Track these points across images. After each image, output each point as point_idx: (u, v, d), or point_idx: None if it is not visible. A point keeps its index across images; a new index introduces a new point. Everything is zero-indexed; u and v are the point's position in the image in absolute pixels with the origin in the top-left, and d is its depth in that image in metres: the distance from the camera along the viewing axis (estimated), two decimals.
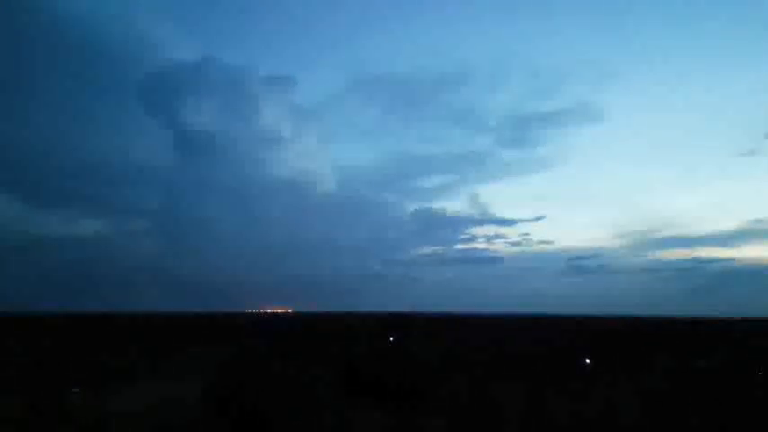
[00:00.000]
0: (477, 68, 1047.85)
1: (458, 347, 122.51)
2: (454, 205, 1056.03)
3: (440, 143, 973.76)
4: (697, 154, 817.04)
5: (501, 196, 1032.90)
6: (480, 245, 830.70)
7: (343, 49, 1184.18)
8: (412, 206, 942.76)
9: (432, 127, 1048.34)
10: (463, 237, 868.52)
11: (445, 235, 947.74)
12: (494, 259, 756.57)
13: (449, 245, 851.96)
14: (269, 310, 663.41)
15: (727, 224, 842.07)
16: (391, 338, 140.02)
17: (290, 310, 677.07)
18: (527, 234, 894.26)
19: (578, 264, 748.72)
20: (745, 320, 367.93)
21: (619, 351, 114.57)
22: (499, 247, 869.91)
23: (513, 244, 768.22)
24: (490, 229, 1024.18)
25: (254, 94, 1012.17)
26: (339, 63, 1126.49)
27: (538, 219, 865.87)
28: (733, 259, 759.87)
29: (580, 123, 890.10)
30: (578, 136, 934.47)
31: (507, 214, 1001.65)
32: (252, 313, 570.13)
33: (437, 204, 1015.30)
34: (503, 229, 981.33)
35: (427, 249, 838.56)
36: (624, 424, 46.50)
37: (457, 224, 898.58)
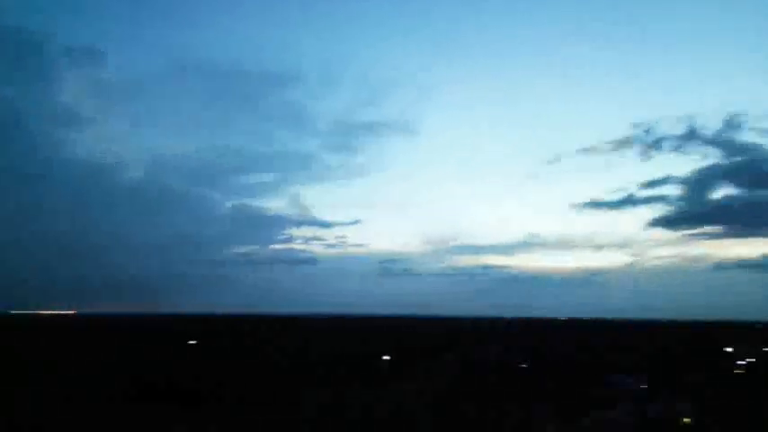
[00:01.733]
0: (309, 71, 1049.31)
1: (264, 348, 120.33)
2: (275, 205, 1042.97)
3: (265, 141, 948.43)
4: (491, 173, 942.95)
5: (322, 199, 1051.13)
6: (298, 245, 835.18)
7: (166, 28, 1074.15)
8: (230, 202, 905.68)
9: (258, 124, 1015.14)
10: (281, 237, 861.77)
11: (263, 234, 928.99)
12: (310, 260, 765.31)
13: (266, 244, 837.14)
14: (47, 312, 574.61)
15: (509, 236, 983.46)
16: (191, 342, 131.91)
17: (72, 312, 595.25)
18: (343, 237, 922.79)
19: (387, 267, 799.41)
20: (521, 320, 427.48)
21: (418, 349, 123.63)
22: (316, 248, 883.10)
23: (330, 246, 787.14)
24: (309, 231, 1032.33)
25: (51, 63, 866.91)
26: (159, 43, 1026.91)
27: (354, 222, 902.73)
28: (511, 267, 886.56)
29: (398, 134, 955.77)
30: (395, 146, 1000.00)
31: (326, 217, 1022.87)
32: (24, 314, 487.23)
33: (257, 203, 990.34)
34: (321, 232, 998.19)
35: (243, 249, 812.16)
36: (413, 420, 49.68)
37: (276, 224, 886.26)
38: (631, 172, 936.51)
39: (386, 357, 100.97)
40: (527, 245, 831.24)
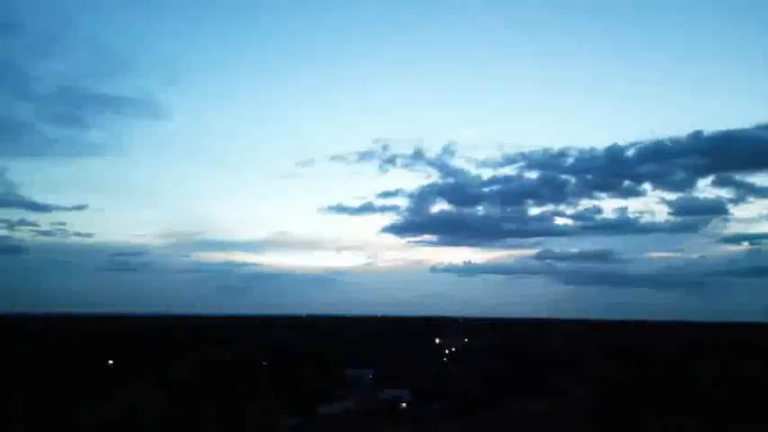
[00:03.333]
0: (30, 21, 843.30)
1: None
2: None
3: None
4: (243, 169, 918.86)
5: (36, 177, 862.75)
6: None
7: None
8: None
9: None
10: None
11: None
12: (15, 249, 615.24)
13: None
14: None
15: (259, 234, 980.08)
16: None
17: None
18: (62, 224, 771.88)
19: (121, 260, 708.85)
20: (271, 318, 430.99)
21: (155, 351, 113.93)
22: (24, 235, 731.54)
23: (44, 233, 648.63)
24: (14, 214, 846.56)
25: None
26: None
27: (79, 208, 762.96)
28: (259, 264, 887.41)
29: (143, 115, 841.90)
30: (139, 127, 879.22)
31: (41, 199, 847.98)
32: None
33: None
34: (33, 215, 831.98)
35: None
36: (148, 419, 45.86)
37: None
38: (371, 182, 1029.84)
39: (110, 362, 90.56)
40: (276, 243, 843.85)
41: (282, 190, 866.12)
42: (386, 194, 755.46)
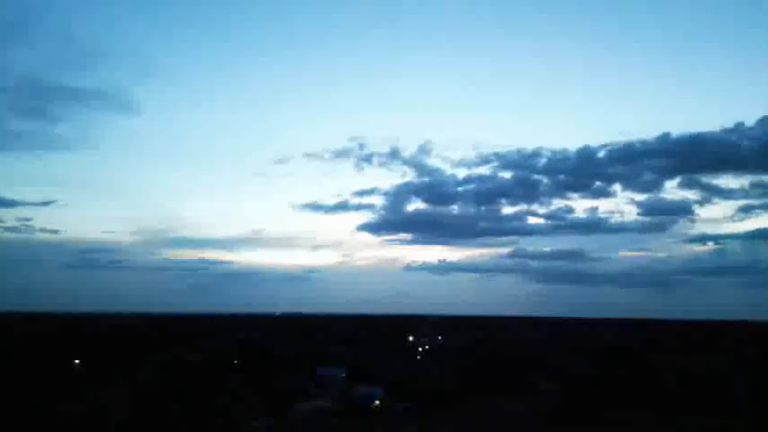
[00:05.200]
0: None
1: None
2: None
3: None
4: (217, 166, 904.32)
5: (1, 171, 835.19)
6: None
7: None
8: None
9: None
10: None
11: None
12: None
13: None
14: None
15: (233, 231, 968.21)
16: None
17: None
18: (28, 219, 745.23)
19: (90, 258, 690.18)
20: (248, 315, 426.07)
21: (124, 351, 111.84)
22: None
23: (9, 229, 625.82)
24: None
25: None
26: None
27: (46, 204, 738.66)
28: (232, 262, 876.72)
29: (112, 109, 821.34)
30: (108, 121, 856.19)
31: (5, 194, 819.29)
32: None
33: None
34: None
35: None
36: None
37: None
38: (347, 180, 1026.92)
39: (77, 361, 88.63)
40: (251, 242, 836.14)
41: (258, 188, 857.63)
42: (362, 193, 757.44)
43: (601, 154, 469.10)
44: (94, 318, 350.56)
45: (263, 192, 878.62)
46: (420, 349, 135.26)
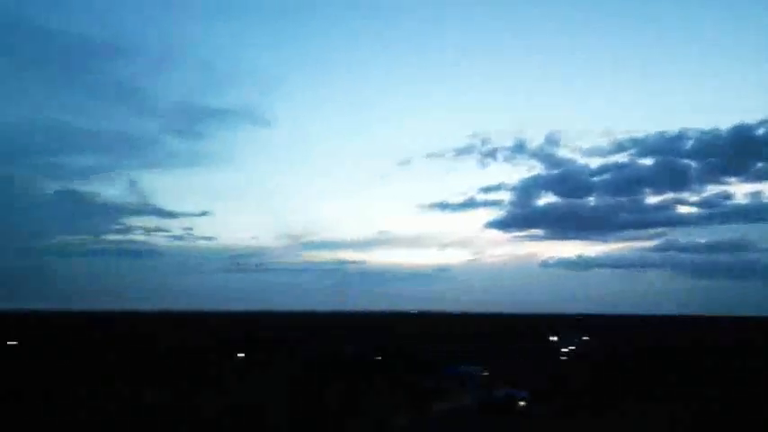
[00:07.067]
0: (148, 47, 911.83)
1: (101, 346, 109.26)
2: (107, 191, 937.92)
3: (94, 118, 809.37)
4: (344, 170, 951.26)
5: (164, 187, 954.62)
6: (138, 237, 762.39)
7: None
8: (52, 186, 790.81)
9: (84, 98, 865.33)
10: (117, 227, 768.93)
11: (94, 223, 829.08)
12: (152, 253, 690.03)
13: (98, 234, 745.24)
14: None
15: (361, 233, 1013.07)
16: (11, 343, 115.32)
17: None
18: (190, 229, 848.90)
19: (240, 261, 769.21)
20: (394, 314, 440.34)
21: (273, 346, 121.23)
22: (160, 240, 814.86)
23: (176, 238, 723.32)
24: (150, 221, 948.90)
25: None
26: None
27: (202, 214, 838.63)
28: (365, 261, 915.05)
29: (248, 124, 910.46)
30: (246, 135, 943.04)
31: (170, 207, 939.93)
32: None
33: (86, 188, 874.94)
34: (165, 222, 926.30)
35: (71, 239, 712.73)
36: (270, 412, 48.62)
37: (110, 212, 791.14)
38: (472, 177, 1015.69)
39: (240, 355, 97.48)
40: (378, 241, 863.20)
41: (382, 190, 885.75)
42: (488, 189, 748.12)
43: (760, 131, 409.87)
44: (249, 316, 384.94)
45: (388, 193, 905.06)
46: (564, 350, 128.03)
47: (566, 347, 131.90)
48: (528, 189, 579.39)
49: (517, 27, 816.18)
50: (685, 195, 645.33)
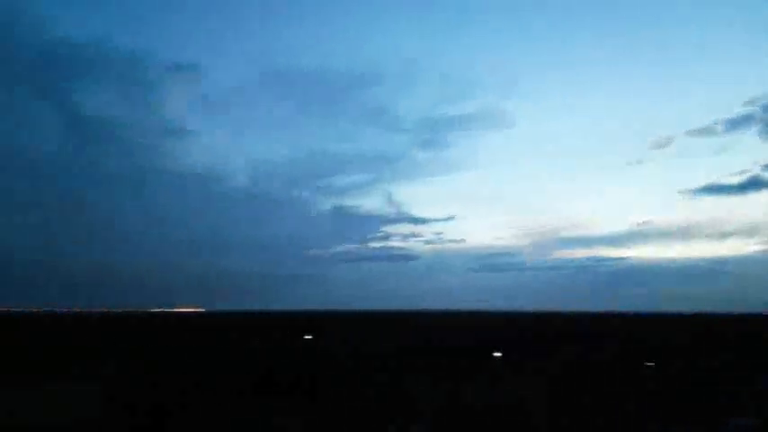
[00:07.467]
0: (388, 70, 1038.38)
1: (373, 344, 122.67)
2: (369, 204, 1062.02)
3: (354, 142, 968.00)
4: (589, 162, 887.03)
5: (415, 196, 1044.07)
6: (396, 243, 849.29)
7: (253, 40, 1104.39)
8: (327, 204, 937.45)
9: (346, 125, 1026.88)
10: (379, 235, 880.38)
11: (360, 233, 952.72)
12: (409, 257, 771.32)
13: (364, 243, 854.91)
14: (175, 309, 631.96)
15: (618, 226, 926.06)
16: (307, 337, 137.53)
17: (201, 309, 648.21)
18: (440, 233, 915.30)
19: (489, 262, 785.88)
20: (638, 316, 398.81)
21: (527, 344, 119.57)
22: (414, 245, 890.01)
23: (428, 242, 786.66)
24: (405, 228, 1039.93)
25: (155, 80, 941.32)
26: (249, 54, 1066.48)
27: (449, 218, 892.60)
28: (626, 258, 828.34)
29: (487, 127, 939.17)
30: (486, 139, 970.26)
31: (421, 213, 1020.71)
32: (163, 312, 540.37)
33: (352, 202, 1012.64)
34: (417, 228, 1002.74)
35: (342, 247, 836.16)
36: (530, 410, 47.92)
37: (372, 222, 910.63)
38: (751, 153, 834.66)
39: (497, 354, 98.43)
40: (639, 235, 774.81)
41: (633, 178, 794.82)
42: None
43: None
44: (502, 314, 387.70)
45: (643, 180, 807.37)
46: None
47: None
48: None
49: None
50: None
